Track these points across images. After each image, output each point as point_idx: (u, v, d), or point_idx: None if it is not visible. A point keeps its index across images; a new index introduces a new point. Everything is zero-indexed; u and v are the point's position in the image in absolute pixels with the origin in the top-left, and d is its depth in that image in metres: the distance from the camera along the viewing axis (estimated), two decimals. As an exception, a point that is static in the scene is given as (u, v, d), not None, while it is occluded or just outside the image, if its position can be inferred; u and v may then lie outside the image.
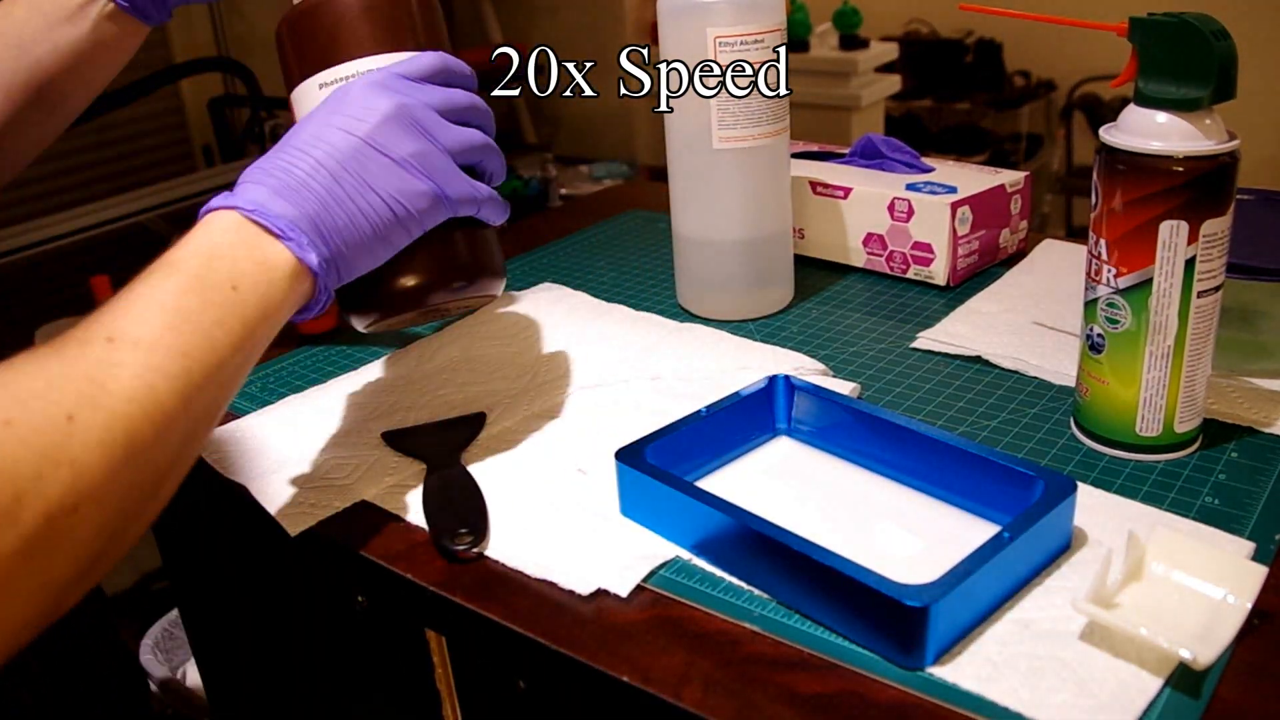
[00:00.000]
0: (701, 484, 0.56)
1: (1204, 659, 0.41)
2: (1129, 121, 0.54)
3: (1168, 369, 0.55)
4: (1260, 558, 0.49)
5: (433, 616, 0.55)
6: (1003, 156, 2.93)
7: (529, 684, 0.53)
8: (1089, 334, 0.58)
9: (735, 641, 0.47)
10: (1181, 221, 0.52)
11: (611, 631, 0.48)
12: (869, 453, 0.58)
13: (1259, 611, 0.46)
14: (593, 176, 2.56)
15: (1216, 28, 0.51)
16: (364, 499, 0.59)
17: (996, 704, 0.42)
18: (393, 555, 0.55)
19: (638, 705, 0.45)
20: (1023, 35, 3.00)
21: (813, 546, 0.46)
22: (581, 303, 0.82)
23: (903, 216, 0.81)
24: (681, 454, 0.57)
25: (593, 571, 0.51)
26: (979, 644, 0.45)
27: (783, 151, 0.76)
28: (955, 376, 0.68)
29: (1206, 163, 0.52)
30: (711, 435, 0.59)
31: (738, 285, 0.78)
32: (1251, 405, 0.62)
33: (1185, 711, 0.41)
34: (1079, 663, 0.44)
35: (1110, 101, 2.83)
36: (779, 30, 0.72)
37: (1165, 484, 0.55)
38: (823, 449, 0.60)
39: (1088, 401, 0.59)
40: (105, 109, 2.08)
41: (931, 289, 0.82)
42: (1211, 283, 0.54)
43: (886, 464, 0.57)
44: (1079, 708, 0.42)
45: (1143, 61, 0.53)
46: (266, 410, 0.69)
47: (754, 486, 0.57)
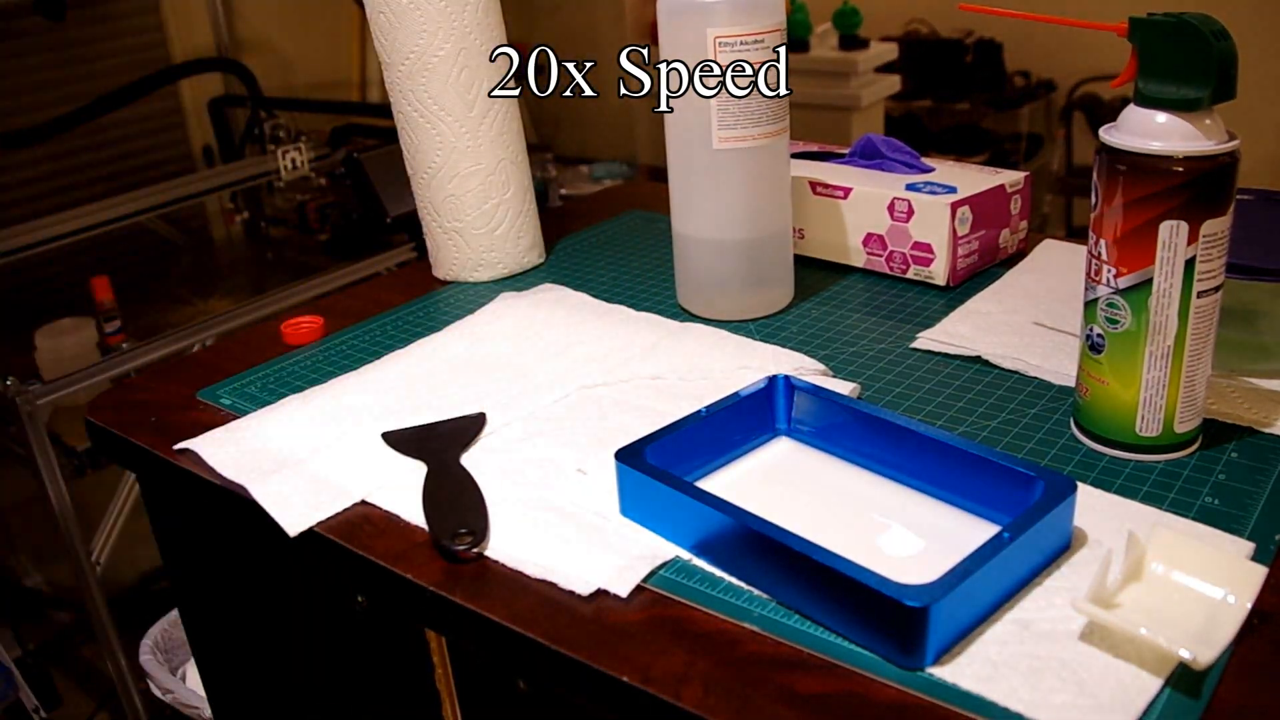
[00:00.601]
0: (701, 484, 0.56)
1: (1204, 659, 0.41)
2: (1129, 121, 0.54)
3: (1168, 369, 0.55)
4: (1260, 558, 0.49)
5: (433, 617, 0.55)
6: (1003, 157, 2.93)
7: (529, 684, 0.53)
8: (1089, 334, 0.58)
9: (735, 641, 0.47)
10: (1181, 221, 0.52)
11: (612, 631, 0.48)
12: (869, 453, 0.58)
13: (1259, 612, 0.46)
14: (593, 176, 2.56)
15: (1216, 28, 0.51)
16: (363, 499, 0.59)
17: (996, 704, 0.42)
18: (393, 555, 0.55)
19: (638, 705, 0.45)
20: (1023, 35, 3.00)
21: (812, 547, 0.46)
22: (582, 303, 0.82)
23: (902, 216, 0.81)
24: (681, 454, 0.57)
25: (593, 572, 0.51)
26: (979, 644, 0.45)
27: (783, 151, 0.76)
28: (955, 377, 0.68)
29: (1206, 163, 0.52)
30: (711, 435, 0.59)
31: (738, 285, 0.78)
32: (1252, 405, 0.62)
33: (1185, 711, 0.41)
34: (1079, 663, 0.44)
35: (1110, 101, 2.83)
36: (779, 30, 0.72)
37: (1165, 484, 0.55)
38: (823, 449, 0.60)
39: (1088, 402, 0.59)
40: (105, 109, 2.08)
41: (931, 289, 0.82)
42: (1211, 283, 0.54)
43: (886, 464, 0.57)
44: (1079, 708, 0.42)
45: (1143, 61, 0.53)
46: (266, 410, 0.69)
47: (754, 487, 0.57)
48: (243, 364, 0.78)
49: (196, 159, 2.61)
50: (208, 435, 0.66)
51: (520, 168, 0.89)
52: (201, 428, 0.68)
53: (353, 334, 0.82)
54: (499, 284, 0.89)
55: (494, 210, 0.88)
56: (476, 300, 0.85)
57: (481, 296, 0.86)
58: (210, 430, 0.67)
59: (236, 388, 0.74)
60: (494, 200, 0.88)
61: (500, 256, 0.89)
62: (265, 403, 0.71)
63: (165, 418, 0.71)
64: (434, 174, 0.87)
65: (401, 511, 0.58)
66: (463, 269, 0.90)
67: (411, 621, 0.58)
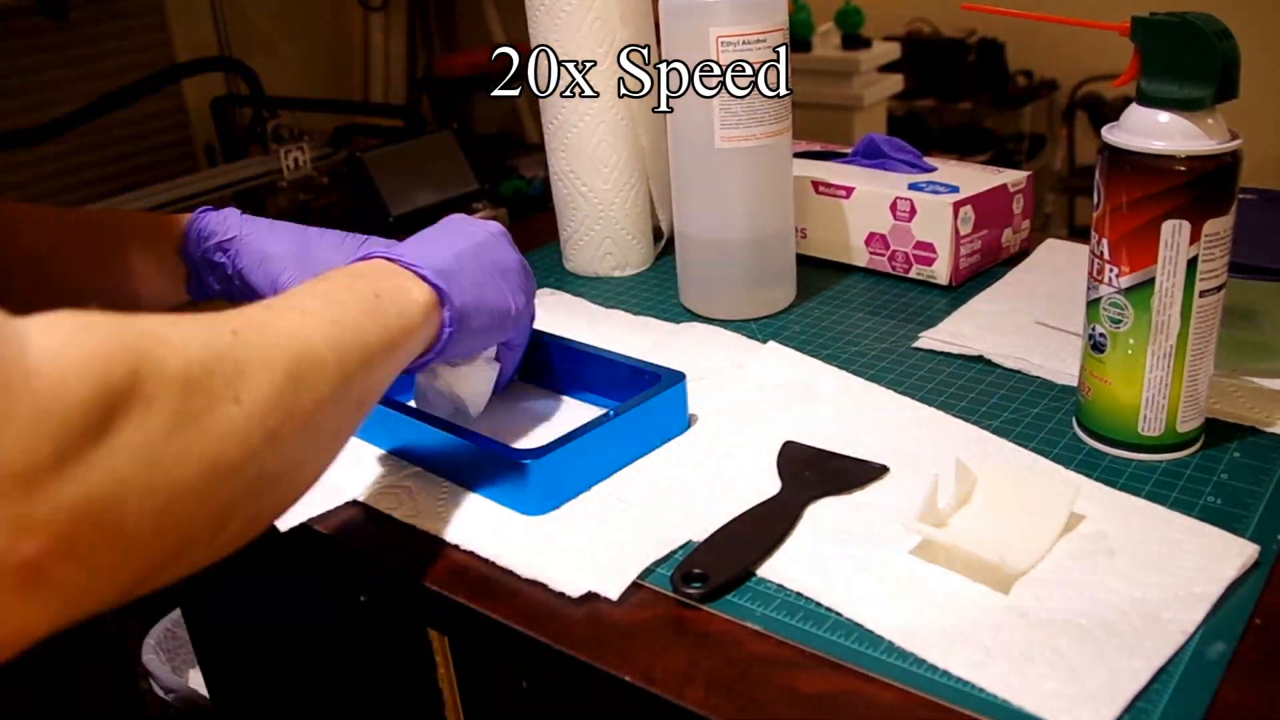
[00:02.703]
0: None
1: (1014, 566, 0.48)
2: (1131, 121, 0.54)
3: (1170, 368, 0.55)
4: (1263, 558, 0.49)
5: (435, 616, 0.55)
6: (1005, 156, 2.93)
7: (532, 684, 0.53)
8: (1091, 333, 0.58)
9: (737, 641, 0.47)
10: (1184, 221, 0.52)
11: (614, 631, 0.48)
12: (549, 374, 0.70)
13: (1260, 612, 0.46)
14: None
15: (1219, 27, 0.51)
16: (355, 499, 0.59)
17: (994, 699, 0.42)
18: (394, 555, 0.55)
19: (640, 705, 0.45)
20: (1025, 35, 2.99)
21: (466, 431, 0.58)
22: (580, 308, 0.82)
23: (905, 216, 0.81)
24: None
25: (583, 574, 0.51)
26: (973, 629, 0.45)
27: (785, 151, 0.76)
28: (958, 376, 0.68)
29: (1209, 162, 0.52)
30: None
31: (740, 285, 0.78)
32: (1254, 405, 0.62)
33: (1187, 711, 0.41)
34: (1071, 650, 0.44)
35: (1113, 101, 2.83)
36: (781, 30, 0.72)
37: (1167, 484, 0.55)
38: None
39: (1090, 401, 0.59)
40: (107, 109, 2.08)
41: (934, 288, 0.82)
42: (1214, 282, 0.54)
43: (563, 382, 0.69)
44: (1066, 696, 0.42)
45: (1145, 61, 0.53)
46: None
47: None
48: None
49: (199, 158, 2.62)
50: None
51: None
52: (204, 427, 0.68)
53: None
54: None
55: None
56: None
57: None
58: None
59: (239, 387, 0.74)
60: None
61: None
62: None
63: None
64: None
65: (392, 511, 0.58)
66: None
67: (414, 622, 0.58)
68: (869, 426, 0.62)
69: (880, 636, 0.46)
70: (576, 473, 0.58)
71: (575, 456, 0.57)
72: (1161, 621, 0.45)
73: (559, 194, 0.89)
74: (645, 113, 0.85)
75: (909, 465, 0.58)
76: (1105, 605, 0.46)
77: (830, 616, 0.48)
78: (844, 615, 0.47)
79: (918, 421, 0.62)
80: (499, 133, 2.84)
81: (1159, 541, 0.50)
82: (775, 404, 0.65)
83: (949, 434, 0.61)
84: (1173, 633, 0.45)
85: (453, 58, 2.72)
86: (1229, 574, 0.48)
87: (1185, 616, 0.45)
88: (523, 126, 2.83)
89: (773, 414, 0.64)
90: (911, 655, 0.45)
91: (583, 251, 0.89)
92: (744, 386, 0.67)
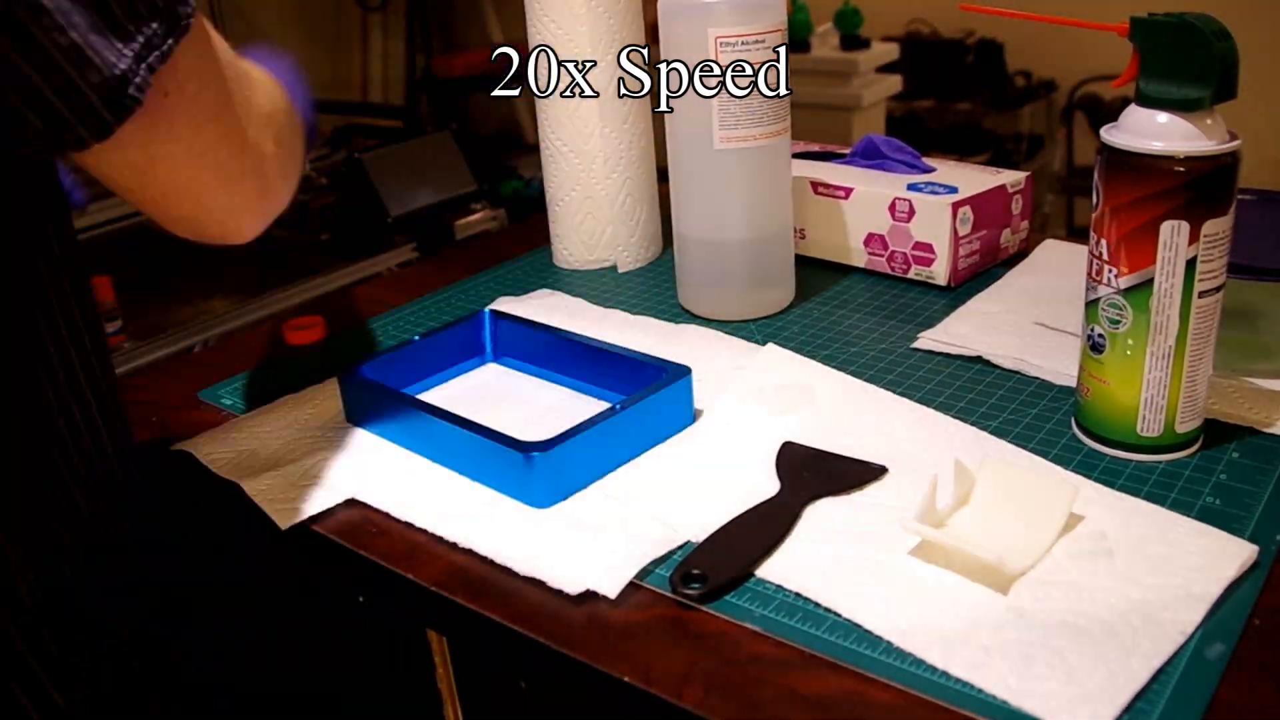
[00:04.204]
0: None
1: (1012, 566, 0.48)
2: (1130, 122, 0.54)
3: (1169, 369, 0.55)
4: (1262, 558, 0.49)
5: (434, 617, 0.55)
6: (1004, 156, 2.93)
7: (531, 685, 0.53)
8: (1090, 334, 0.58)
9: (736, 642, 0.47)
10: (1182, 222, 0.52)
11: (613, 632, 0.48)
12: (557, 369, 0.71)
13: (1259, 612, 0.46)
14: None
15: (1218, 28, 0.51)
16: (354, 498, 0.59)
17: (993, 699, 0.42)
18: (394, 555, 0.55)
19: (639, 705, 0.45)
20: (1024, 35, 2.99)
21: (470, 422, 0.59)
22: (579, 308, 0.82)
23: (904, 216, 0.81)
24: (394, 372, 0.68)
25: (582, 571, 0.51)
26: (972, 630, 0.45)
27: (784, 151, 0.76)
28: (956, 377, 0.68)
29: (1207, 163, 0.52)
30: (423, 359, 0.71)
31: (738, 285, 0.78)
32: (1253, 405, 0.62)
33: (1186, 711, 0.41)
34: (1070, 650, 0.44)
35: (1111, 102, 2.83)
36: (780, 30, 0.72)
37: (1166, 484, 0.55)
38: (521, 370, 0.73)
39: (1089, 402, 0.59)
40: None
41: (932, 289, 0.82)
42: (1213, 283, 0.54)
43: (569, 376, 0.70)
44: (1065, 697, 0.42)
45: (1144, 62, 0.53)
46: (264, 410, 0.69)
47: (454, 396, 0.70)
48: (244, 364, 0.78)
49: (198, 159, 2.61)
50: (203, 435, 0.67)
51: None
52: (202, 427, 0.68)
53: (353, 335, 0.82)
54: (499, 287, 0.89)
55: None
56: (476, 302, 0.85)
57: (481, 299, 0.86)
58: (208, 430, 0.67)
59: (237, 388, 0.74)
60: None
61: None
62: (263, 403, 0.71)
63: (166, 417, 0.71)
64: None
65: (390, 509, 0.58)
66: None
67: (413, 622, 0.58)
68: (868, 427, 0.62)
69: (879, 637, 0.46)
70: (582, 465, 0.58)
71: (581, 449, 0.58)
72: (1160, 622, 0.45)
73: (552, 191, 0.89)
74: (644, 113, 0.85)
75: (908, 466, 0.58)
76: (1104, 606, 0.46)
77: (829, 617, 0.48)
78: (843, 616, 0.48)
79: (916, 422, 0.62)
80: (498, 133, 2.84)
81: (1158, 542, 0.50)
82: (774, 405, 0.65)
83: (948, 434, 0.61)
84: (1171, 633, 0.45)
85: (451, 58, 2.71)
86: (1228, 574, 0.48)
87: (1184, 617, 0.45)
88: (521, 127, 2.83)
89: (772, 415, 0.64)
90: (910, 656, 0.45)
91: (575, 248, 0.89)
92: (743, 387, 0.67)
